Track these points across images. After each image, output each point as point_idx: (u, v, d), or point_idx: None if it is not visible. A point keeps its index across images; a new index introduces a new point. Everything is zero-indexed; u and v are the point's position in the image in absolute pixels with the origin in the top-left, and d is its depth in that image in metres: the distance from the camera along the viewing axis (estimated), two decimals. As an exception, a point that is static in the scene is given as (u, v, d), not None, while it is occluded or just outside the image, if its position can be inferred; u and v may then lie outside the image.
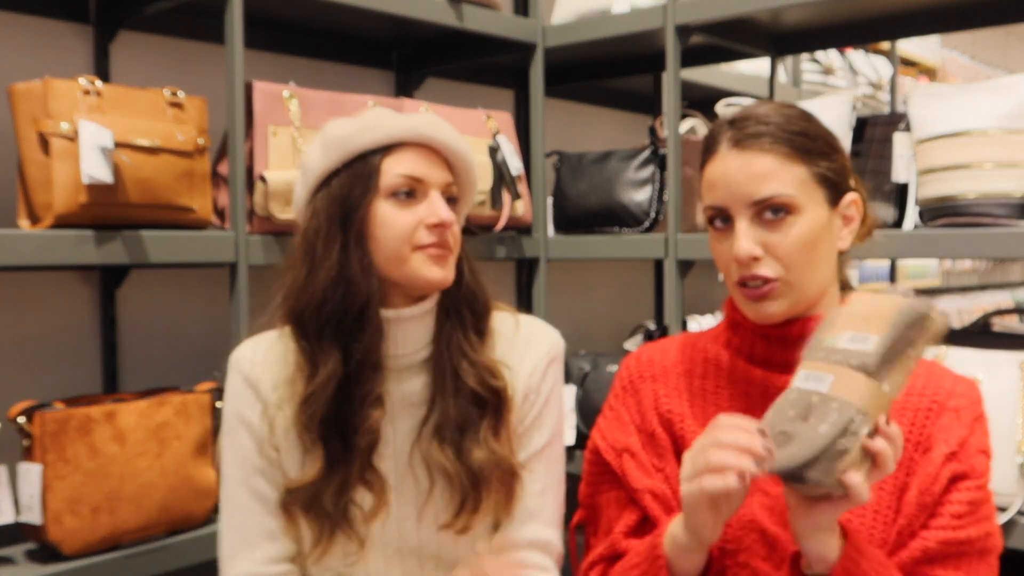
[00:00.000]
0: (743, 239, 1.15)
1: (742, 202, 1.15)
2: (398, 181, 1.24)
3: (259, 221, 1.80)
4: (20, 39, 1.85)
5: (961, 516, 1.12)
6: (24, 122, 1.54)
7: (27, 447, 1.52)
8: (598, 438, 1.30)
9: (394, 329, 1.28)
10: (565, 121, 2.94)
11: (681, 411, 1.25)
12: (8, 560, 1.55)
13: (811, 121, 1.20)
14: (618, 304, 3.13)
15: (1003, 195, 1.68)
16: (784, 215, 1.14)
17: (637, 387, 1.30)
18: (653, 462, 1.24)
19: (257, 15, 1.96)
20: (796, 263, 1.15)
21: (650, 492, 1.22)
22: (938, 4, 2.15)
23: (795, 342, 1.18)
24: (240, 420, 1.30)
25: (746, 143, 1.16)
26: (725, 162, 1.17)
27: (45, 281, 1.89)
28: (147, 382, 1.99)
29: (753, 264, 1.15)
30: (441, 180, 1.27)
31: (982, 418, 1.20)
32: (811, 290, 1.18)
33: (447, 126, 1.29)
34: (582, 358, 2.39)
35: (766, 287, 1.15)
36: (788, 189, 1.14)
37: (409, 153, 1.25)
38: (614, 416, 1.30)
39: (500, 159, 2.20)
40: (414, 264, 1.24)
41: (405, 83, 2.50)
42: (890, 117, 2.01)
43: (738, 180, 1.15)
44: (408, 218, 1.24)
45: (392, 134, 1.25)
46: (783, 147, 1.16)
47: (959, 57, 5.52)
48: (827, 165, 1.18)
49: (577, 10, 2.37)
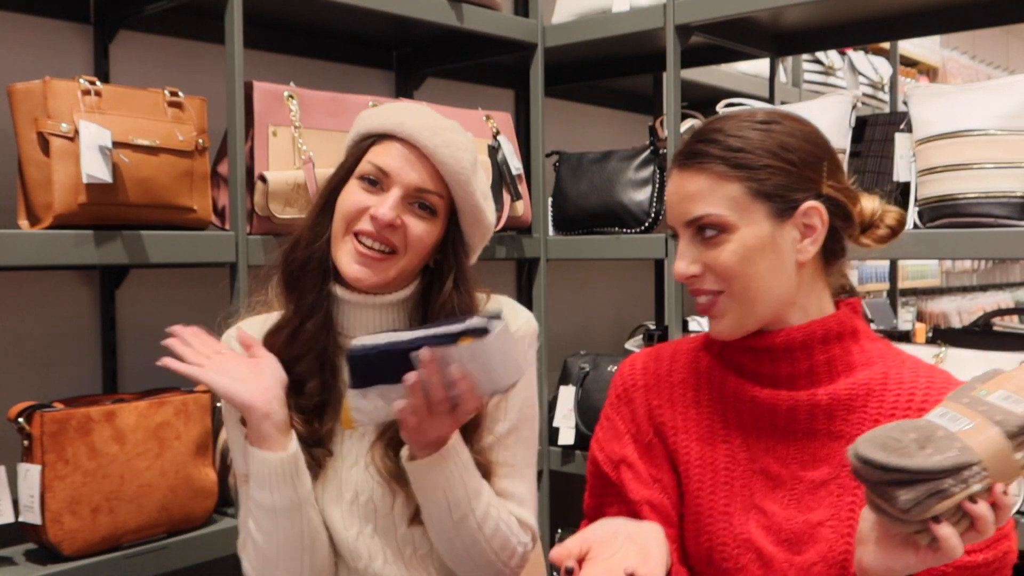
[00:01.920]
0: (679, 259, 1.18)
1: (679, 222, 1.19)
2: (367, 167, 1.28)
3: (259, 221, 1.80)
4: (20, 39, 1.85)
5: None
6: (24, 122, 1.54)
7: (27, 447, 1.51)
8: (596, 449, 1.30)
9: (347, 310, 1.31)
10: (565, 121, 2.94)
11: (674, 423, 1.24)
12: (8, 560, 1.55)
13: (768, 132, 1.16)
14: (618, 304, 3.13)
15: (1003, 195, 1.68)
16: (718, 233, 1.14)
17: (631, 396, 1.29)
18: (651, 472, 1.23)
19: (257, 15, 1.96)
20: (735, 279, 1.15)
21: (648, 503, 1.21)
22: (938, 4, 2.15)
23: (775, 354, 1.17)
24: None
25: (685, 164, 1.18)
26: (671, 183, 1.21)
27: (45, 281, 1.89)
28: (147, 382, 1.99)
29: (694, 281, 1.17)
30: (410, 181, 1.26)
31: None
32: (762, 305, 1.16)
33: (453, 136, 1.28)
34: (582, 358, 2.39)
35: (710, 301, 1.17)
36: (717, 209, 1.14)
37: (395, 147, 1.27)
38: (610, 426, 1.30)
39: (500, 159, 2.20)
40: (344, 249, 1.27)
41: (405, 83, 2.50)
42: (890, 117, 2.02)
43: (675, 201, 1.19)
44: (358, 199, 1.27)
45: (384, 125, 1.28)
46: (717, 166, 1.15)
47: (959, 57, 5.52)
48: (770, 179, 1.14)
49: (577, 10, 2.37)
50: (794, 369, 1.17)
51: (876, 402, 1.15)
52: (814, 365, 1.17)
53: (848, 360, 1.17)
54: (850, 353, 1.18)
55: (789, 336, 1.16)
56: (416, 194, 1.27)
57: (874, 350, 1.19)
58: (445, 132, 1.28)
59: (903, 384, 1.15)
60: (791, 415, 1.16)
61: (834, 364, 1.17)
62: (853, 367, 1.17)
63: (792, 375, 1.17)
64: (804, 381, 1.17)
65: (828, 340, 1.17)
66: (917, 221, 1.81)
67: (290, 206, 1.80)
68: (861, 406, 1.15)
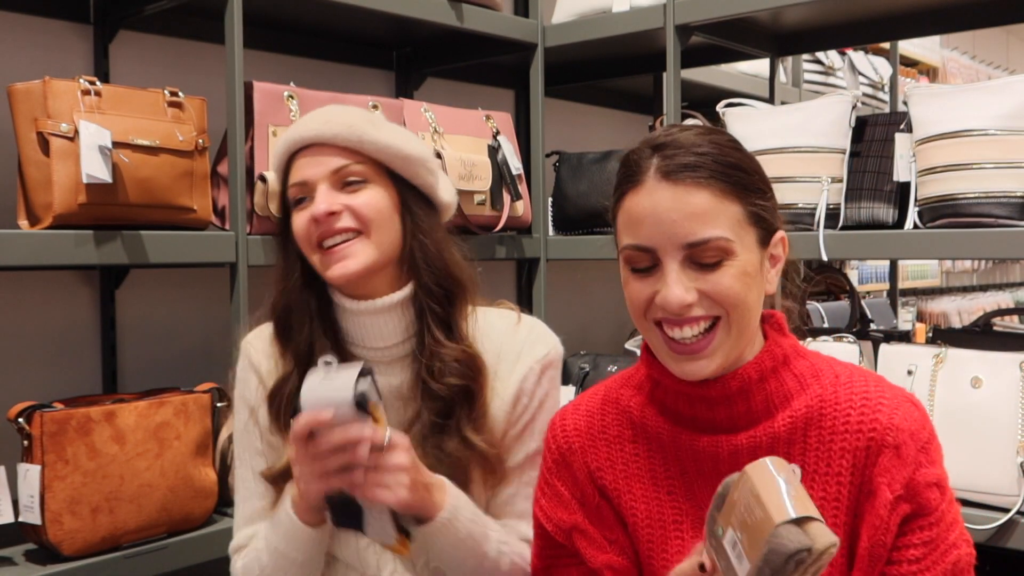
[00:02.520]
0: (675, 285, 1.03)
1: (675, 244, 1.03)
2: (292, 192, 1.30)
3: (259, 221, 1.80)
4: (20, 39, 1.85)
5: (920, 560, 1.05)
6: (24, 122, 1.54)
7: (27, 447, 1.51)
8: (543, 518, 1.22)
9: (358, 320, 1.31)
10: (565, 121, 2.94)
11: (616, 484, 1.17)
12: (8, 560, 1.55)
13: (743, 152, 1.10)
14: (618, 304, 3.10)
15: (1003, 195, 1.68)
16: (718, 261, 1.03)
17: (568, 460, 1.21)
18: (605, 535, 1.18)
19: (257, 15, 1.96)
20: (735, 307, 1.04)
21: (609, 568, 1.17)
22: (938, 4, 2.15)
23: (719, 401, 1.10)
24: (244, 403, 1.36)
25: (679, 176, 1.03)
26: (653, 196, 1.04)
27: (45, 281, 1.89)
28: (147, 382, 1.99)
29: (685, 311, 1.04)
30: (326, 170, 1.27)
31: (929, 446, 1.08)
32: (744, 340, 1.08)
33: (350, 116, 1.29)
34: (582, 358, 2.39)
35: (702, 341, 1.05)
36: (726, 232, 1.03)
37: (303, 158, 1.29)
38: (553, 493, 1.21)
39: (500, 159, 2.20)
40: (320, 267, 1.28)
41: (405, 83, 2.50)
42: (890, 117, 2.01)
43: (671, 218, 1.03)
44: (301, 221, 1.28)
45: (288, 148, 1.30)
46: (719, 182, 1.04)
47: (959, 57, 5.52)
48: (760, 203, 1.07)
49: (577, 10, 2.37)
50: (732, 412, 1.10)
51: (815, 431, 1.09)
52: (752, 406, 1.10)
53: (784, 392, 1.11)
54: (784, 383, 1.11)
55: (726, 387, 1.08)
56: (336, 177, 1.27)
57: (806, 371, 1.13)
58: (320, 114, 1.30)
59: (839, 407, 1.09)
60: (734, 459, 1.09)
61: (771, 400, 1.10)
62: (789, 397, 1.10)
63: (731, 418, 1.10)
64: (743, 422, 1.10)
65: (764, 379, 1.10)
66: (917, 221, 1.81)
67: (290, 206, 1.80)
68: (801, 438, 1.09)
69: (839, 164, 1.95)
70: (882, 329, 2.35)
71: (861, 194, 1.96)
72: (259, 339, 1.37)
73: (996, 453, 1.63)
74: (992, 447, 1.63)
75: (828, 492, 1.08)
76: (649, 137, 1.09)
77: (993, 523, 1.59)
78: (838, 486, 1.07)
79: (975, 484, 1.64)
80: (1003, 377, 1.66)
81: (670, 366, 1.09)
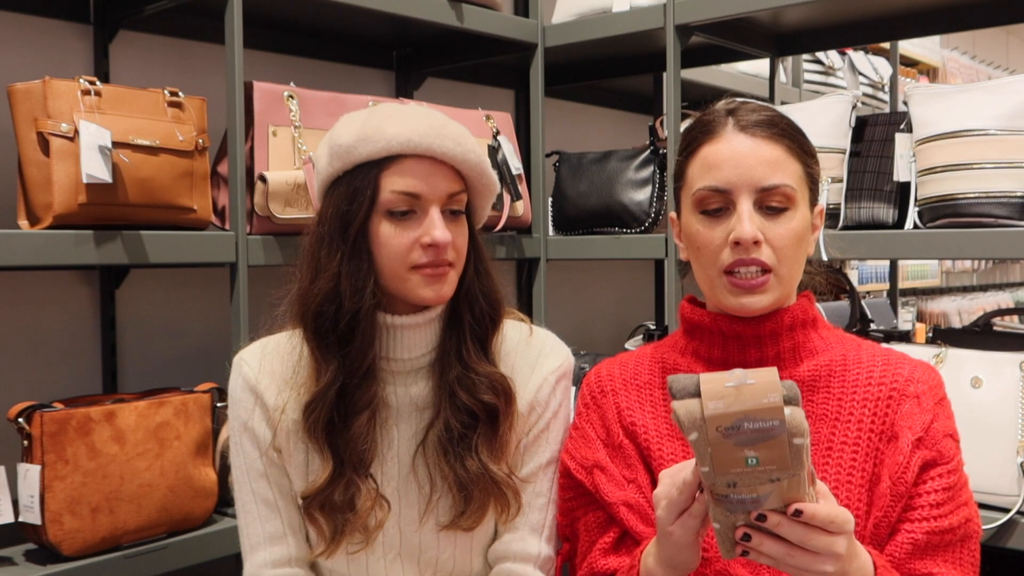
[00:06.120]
0: (747, 220, 1.13)
1: (750, 186, 1.14)
2: (394, 199, 1.20)
3: (259, 221, 1.80)
4: (20, 39, 1.85)
5: (940, 504, 1.12)
6: (24, 122, 1.54)
7: (27, 447, 1.51)
8: (567, 459, 1.28)
9: (399, 334, 1.28)
10: (565, 121, 2.94)
11: (644, 423, 1.24)
12: (8, 560, 1.55)
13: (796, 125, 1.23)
14: (618, 304, 3.13)
15: (1003, 195, 1.68)
16: (783, 208, 1.15)
17: (599, 402, 1.29)
18: (624, 473, 1.23)
19: (257, 15, 1.96)
20: (788, 257, 1.16)
21: (625, 504, 1.21)
22: (938, 4, 2.15)
23: (751, 341, 1.20)
24: (242, 425, 1.30)
25: (755, 130, 1.17)
26: (732, 144, 1.16)
27: (45, 281, 1.89)
28: (147, 382, 1.99)
29: (753, 248, 1.14)
30: (442, 193, 1.22)
31: (944, 401, 1.20)
32: (792, 286, 1.20)
33: (455, 129, 1.24)
34: (582, 358, 2.39)
35: (761, 279, 1.15)
36: (792, 182, 1.16)
37: (409, 165, 1.20)
38: (580, 435, 1.29)
39: (500, 159, 2.20)
40: (411, 284, 1.23)
41: (405, 83, 2.50)
42: (890, 117, 2.01)
43: (748, 163, 1.15)
44: (403, 239, 1.21)
45: (391, 147, 1.19)
46: (788, 141, 1.18)
47: (959, 57, 5.52)
48: (815, 168, 1.21)
49: (577, 10, 2.37)
50: (762, 355, 1.21)
51: (839, 381, 1.20)
52: (780, 351, 1.21)
53: (810, 347, 1.22)
54: (811, 340, 1.22)
55: (765, 327, 1.19)
56: (451, 201, 1.24)
57: (832, 337, 1.25)
58: (446, 128, 1.23)
59: (862, 363, 1.21)
60: None
61: (798, 350, 1.21)
62: (815, 352, 1.22)
63: (760, 361, 1.21)
64: (770, 365, 1.17)
65: (794, 327, 1.21)
66: (917, 221, 1.81)
67: (290, 206, 1.80)
68: (824, 386, 1.20)
69: (839, 164, 1.95)
70: (882, 329, 2.35)
71: (861, 194, 1.96)
72: (254, 356, 1.31)
73: (996, 453, 1.63)
74: (992, 447, 1.63)
75: (848, 437, 1.16)
76: (719, 104, 1.22)
77: (993, 523, 1.59)
78: (858, 431, 1.16)
79: (975, 484, 1.62)
80: (1003, 377, 1.66)
81: (728, 301, 1.17)
